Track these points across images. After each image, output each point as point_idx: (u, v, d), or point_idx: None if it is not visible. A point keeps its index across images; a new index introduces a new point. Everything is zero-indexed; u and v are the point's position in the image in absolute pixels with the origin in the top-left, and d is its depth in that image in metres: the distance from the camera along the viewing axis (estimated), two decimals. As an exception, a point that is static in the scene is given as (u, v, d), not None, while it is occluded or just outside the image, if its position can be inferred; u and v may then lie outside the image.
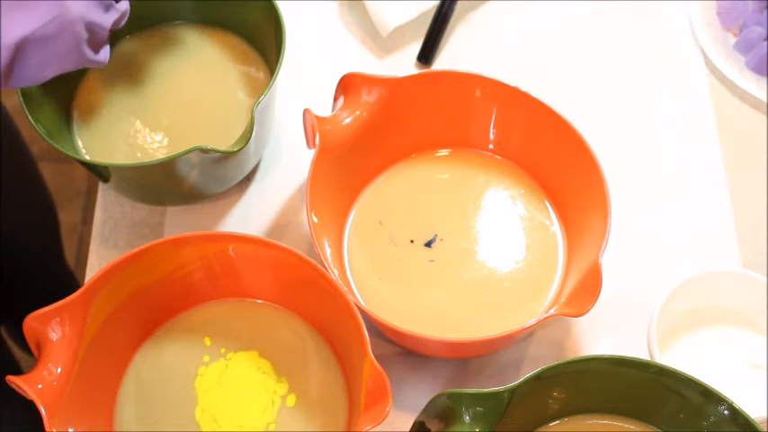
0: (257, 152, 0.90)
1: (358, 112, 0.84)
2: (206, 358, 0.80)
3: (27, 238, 1.16)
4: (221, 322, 0.82)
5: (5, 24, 0.65)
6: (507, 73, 0.87)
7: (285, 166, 0.93)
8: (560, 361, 0.68)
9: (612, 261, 0.82)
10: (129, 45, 0.93)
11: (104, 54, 0.75)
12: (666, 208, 0.92)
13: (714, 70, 1.00)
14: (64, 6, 0.67)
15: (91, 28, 0.71)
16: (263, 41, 0.91)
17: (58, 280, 1.31)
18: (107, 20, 0.73)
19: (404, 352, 0.84)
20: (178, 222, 0.90)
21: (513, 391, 0.66)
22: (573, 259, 0.83)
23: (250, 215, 0.91)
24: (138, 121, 0.89)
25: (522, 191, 0.89)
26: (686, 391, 0.69)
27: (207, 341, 0.81)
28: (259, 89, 0.91)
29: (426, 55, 1.00)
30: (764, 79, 0.98)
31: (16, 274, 1.14)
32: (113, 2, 0.74)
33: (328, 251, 0.80)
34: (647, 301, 0.81)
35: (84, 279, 0.84)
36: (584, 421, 0.75)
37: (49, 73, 0.71)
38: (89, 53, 0.72)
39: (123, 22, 0.76)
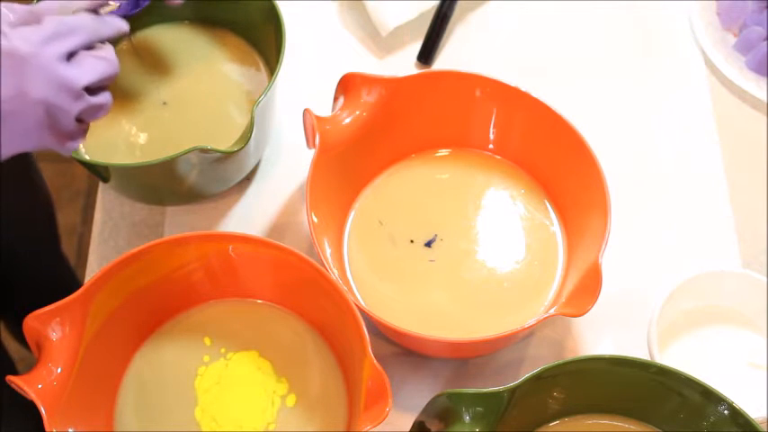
0: (257, 152, 0.90)
1: (358, 112, 0.84)
2: (206, 358, 0.80)
3: (26, 236, 1.16)
4: (221, 322, 0.82)
5: None
6: (507, 73, 0.87)
7: (285, 166, 0.93)
8: (560, 361, 0.68)
9: (612, 261, 0.82)
10: (128, 45, 0.93)
11: (71, 144, 0.69)
12: (666, 208, 0.92)
13: (714, 70, 1.00)
14: (25, 86, 0.62)
15: (53, 113, 0.65)
16: (263, 41, 0.91)
17: (57, 277, 1.31)
18: (73, 108, 0.66)
19: (404, 352, 0.84)
20: (178, 222, 0.90)
21: (513, 391, 0.66)
22: (573, 259, 0.83)
23: (250, 215, 0.91)
24: (137, 121, 0.89)
25: (522, 191, 0.89)
26: (686, 391, 0.69)
27: (207, 341, 0.81)
28: (259, 89, 0.91)
29: (426, 55, 1.00)
30: (764, 79, 0.98)
31: (16, 271, 1.14)
32: (84, 92, 0.67)
33: (328, 251, 0.80)
34: (647, 301, 0.81)
35: (84, 279, 0.84)
36: (584, 421, 0.75)
37: (8, 151, 0.65)
38: (49, 139, 0.67)
39: (101, 114, 0.71)
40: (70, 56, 0.65)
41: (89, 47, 0.67)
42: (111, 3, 0.78)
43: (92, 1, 0.68)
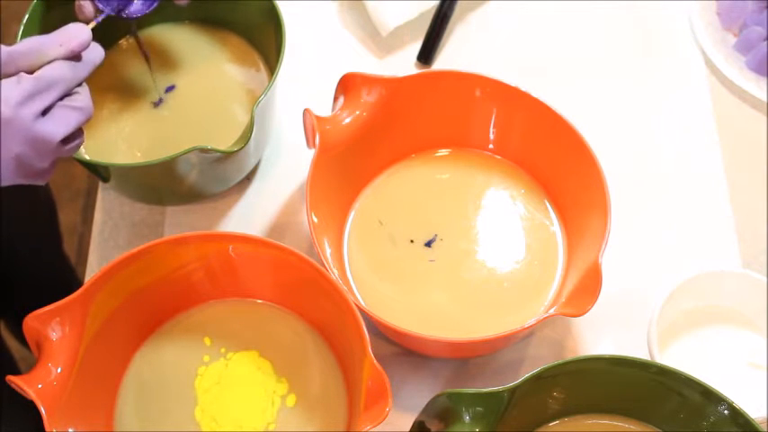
0: (257, 152, 0.90)
1: (358, 112, 0.84)
2: (206, 358, 0.80)
3: (27, 235, 1.16)
4: (221, 322, 0.82)
5: None
6: (507, 73, 0.87)
7: (285, 166, 0.93)
8: (560, 361, 0.68)
9: (612, 261, 0.82)
10: (128, 45, 0.93)
11: (48, 177, 0.68)
12: (666, 208, 0.92)
13: (714, 70, 1.00)
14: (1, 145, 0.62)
15: (27, 163, 0.64)
16: (263, 41, 0.91)
17: (58, 277, 1.31)
18: (51, 156, 0.66)
19: (404, 352, 0.84)
20: (178, 222, 0.90)
21: (513, 391, 0.66)
22: (573, 259, 0.83)
23: (250, 215, 0.91)
24: (137, 121, 0.89)
25: (522, 191, 0.89)
26: (686, 391, 0.69)
27: (207, 341, 0.81)
28: (259, 89, 0.91)
29: (426, 55, 1.00)
30: (764, 79, 0.98)
31: (17, 270, 1.14)
32: (60, 143, 0.66)
33: (328, 251, 0.80)
34: (647, 301, 0.81)
35: (84, 279, 0.84)
36: (584, 421, 0.75)
37: None
38: (20, 180, 0.66)
39: (75, 152, 0.69)
40: (46, 110, 0.64)
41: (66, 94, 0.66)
42: (99, 6, 0.78)
43: (69, 50, 0.66)
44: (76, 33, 0.66)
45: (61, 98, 0.65)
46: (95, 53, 0.68)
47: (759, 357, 0.81)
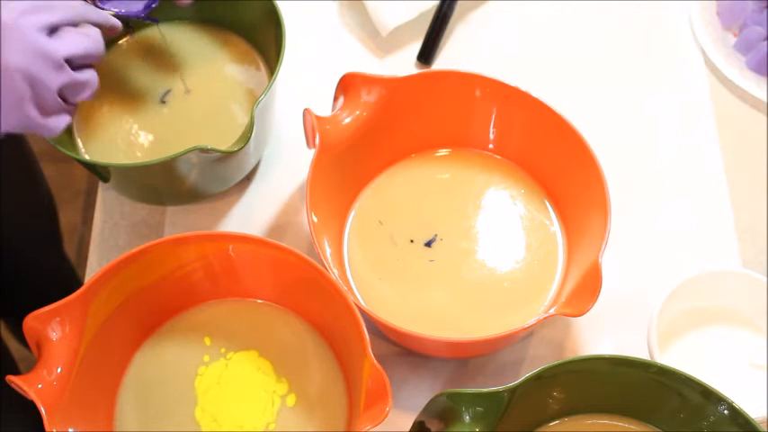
0: (257, 152, 0.90)
1: (358, 112, 0.84)
2: (206, 358, 0.80)
3: (28, 235, 1.16)
4: (221, 322, 0.82)
5: None
6: (507, 73, 0.87)
7: (285, 166, 0.93)
8: (560, 361, 0.68)
9: (612, 261, 0.82)
10: (128, 45, 0.93)
11: (56, 122, 0.68)
12: (666, 208, 0.92)
13: (714, 70, 1.00)
14: (3, 53, 0.61)
15: (33, 84, 0.64)
16: (263, 41, 0.91)
17: (59, 277, 1.31)
18: (54, 80, 0.65)
19: (404, 352, 0.84)
20: (178, 222, 0.90)
21: (513, 391, 0.66)
22: (573, 259, 0.83)
23: (250, 215, 0.91)
24: (137, 121, 0.89)
25: (522, 191, 0.89)
26: (686, 391, 0.69)
27: (207, 341, 0.81)
28: (259, 89, 0.91)
29: (426, 55, 1.00)
30: (764, 79, 0.98)
31: (17, 271, 1.14)
32: (66, 65, 0.66)
33: (328, 251, 0.80)
34: (647, 301, 0.81)
35: (84, 279, 0.84)
36: (584, 421, 0.75)
37: None
38: (32, 113, 0.65)
39: (86, 93, 0.70)
40: (52, 32, 0.65)
41: (74, 25, 0.68)
42: (106, 8, 0.79)
43: None
44: None
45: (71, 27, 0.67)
46: (110, 17, 0.73)
47: (759, 357, 0.81)
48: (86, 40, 0.68)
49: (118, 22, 0.74)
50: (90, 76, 0.70)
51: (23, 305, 0.77)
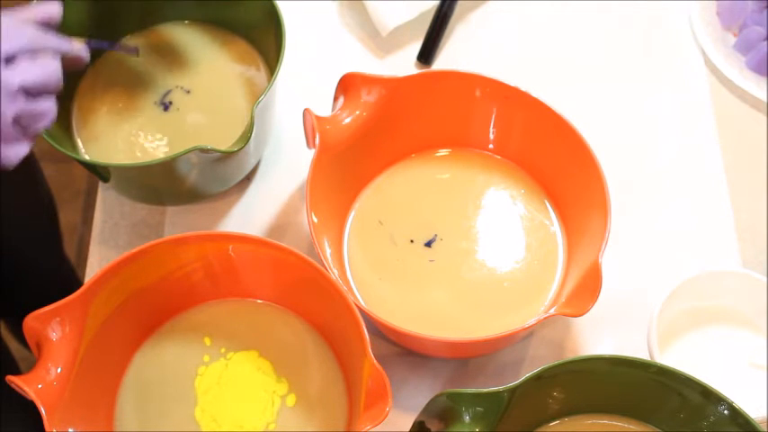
0: (257, 152, 0.90)
1: (358, 112, 0.84)
2: (206, 358, 0.80)
3: (28, 236, 1.16)
4: (221, 322, 0.82)
5: None
6: (507, 73, 0.87)
7: (285, 166, 0.93)
8: (560, 361, 0.68)
9: (612, 261, 0.82)
10: (129, 45, 0.93)
11: (12, 151, 0.66)
12: (666, 208, 0.92)
13: (714, 70, 1.00)
14: None
15: None
16: (263, 41, 0.91)
17: (59, 278, 1.31)
18: (7, 109, 0.64)
19: (404, 352, 0.84)
20: (178, 222, 0.90)
21: (513, 391, 0.66)
22: (573, 259, 0.83)
23: (250, 215, 0.91)
24: (137, 121, 0.89)
25: (522, 191, 0.89)
26: (686, 391, 0.69)
27: (207, 341, 0.81)
28: (259, 89, 0.91)
29: (426, 55, 1.00)
30: (764, 79, 0.98)
31: (17, 271, 1.14)
32: (21, 94, 0.65)
33: (328, 251, 0.80)
34: (647, 301, 0.81)
35: (84, 279, 0.84)
36: (584, 421, 0.75)
37: None
38: None
39: (44, 123, 0.68)
40: (8, 61, 0.64)
41: (33, 54, 0.66)
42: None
43: (40, 13, 0.68)
44: (45, 6, 0.69)
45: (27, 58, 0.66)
46: (71, 43, 0.71)
47: (759, 357, 0.81)
48: (43, 70, 0.66)
49: (83, 53, 0.72)
50: (47, 106, 0.68)
51: (23, 305, 0.77)
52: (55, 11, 0.70)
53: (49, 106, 0.68)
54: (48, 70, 0.67)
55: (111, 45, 0.87)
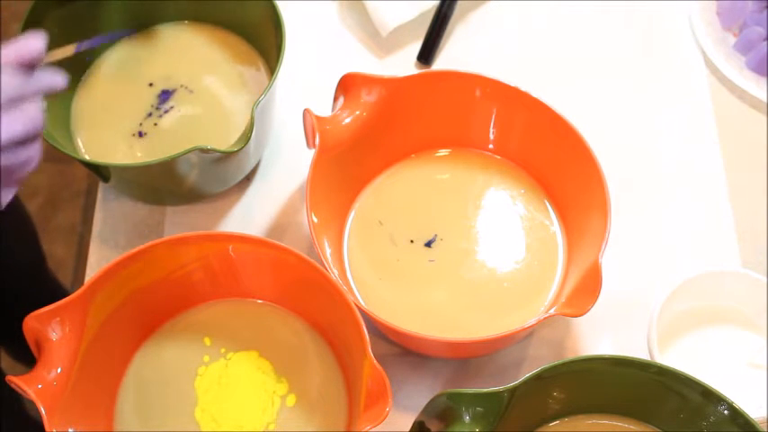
0: (257, 152, 0.90)
1: (358, 112, 0.84)
2: (206, 358, 0.80)
3: (7, 250, 1.14)
4: (221, 322, 0.82)
5: None
6: (507, 73, 0.87)
7: (285, 166, 0.93)
8: (560, 361, 0.68)
9: (612, 261, 0.82)
10: (128, 45, 0.93)
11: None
12: (666, 208, 0.92)
13: (714, 70, 1.00)
14: None
15: None
16: (263, 41, 0.91)
17: (43, 290, 1.29)
18: None
19: (404, 352, 0.84)
20: (178, 222, 0.90)
21: (513, 391, 0.66)
22: (573, 259, 0.83)
23: (250, 215, 0.91)
24: (137, 121, 0.89)
25: (522, 191, 0.89)
26: (686, 391, 0.69)
27: (207, 341, 0.81)
28: (259, 89, 0.91)
29: (426, 55, 1.00)
30: (764, 79, 0.98)
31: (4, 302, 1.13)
32: (5, 146, 0.62)
33: (328, 251, 0.80)
34: (647, 301, 0.81)
35: (84, 279, 0.84)
36: (584, 421, 0.75)
37: None
38: None
39: (28, 168, 0.65)
40: None
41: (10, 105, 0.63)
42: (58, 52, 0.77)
43: (17, 56, 0.63)
44: (27, 44, 0.63)
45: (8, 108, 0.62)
46: (52, 78, 0.65)
47: (759, 357, 0.81)
48: (26, 121, 0.63)
49: (60, 80, 0.67)
50: (31, 153, 0.65)
51: (9, 318, 0.75)
52: (37, 48, 0.64)
53: (34, 152, 0.65)
54: (31, 118, 0.63)
55: (102, 39, 0.85)
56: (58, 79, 0.66)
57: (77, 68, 0.91)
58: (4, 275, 1.12)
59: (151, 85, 0.91)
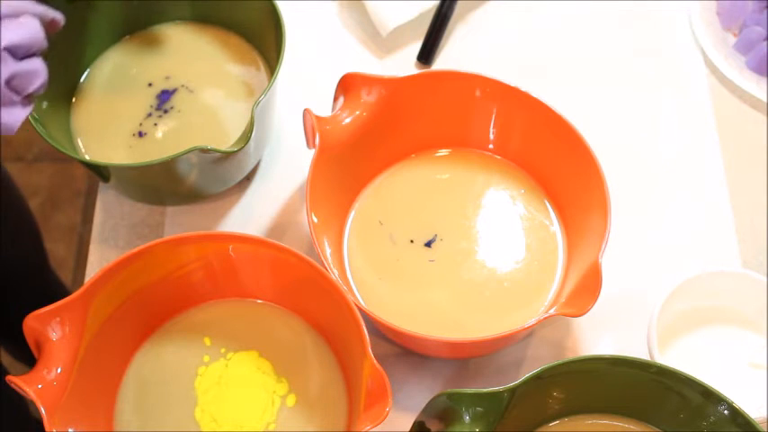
0: (257, 152, 0.90)
1: (358, 112, 0.84)
2: (206, 358, 0.80)
3: (9, 249, 1.15)
4: (221, 322, 0.82)
5: None
6: (507, 73, 0.87)
7: (285, 166, 0.93)
8: (560, 361, 0.68)
9: (612, 261, 0.82)
10: (128, 45, 0.93)
11: (11, 115, 0.67)
12: (666, 208, 0.92)
13: (714, 70, 1.00)
14: None
15: None
16: (263, 41, 0.91)
17: (45, 289, 1.29)
18: None
19: (404, 352, 0.84)
20: (178, 222, 0.90)
21: (513, 391, 0.66)
22: (573, 259, 0.83)
23: (250, 215, 0.91)
24: (137, 121, 0.89)
25: (522, 191, 0.89)
26: (686, 391, 0.69)
27: (207, 341, 0.81)
28: (259, 89, 0.91)
29: (426, 55, 1.00)
30: (764, 79, 0.98)
31: (2, 286, 1.13)
32: (7, 54, 0.66)
33: (328, 251, 0.80)
34: (647, 301, 0.81)
35: (84, 279, 0.84)
36: (584, 421, 0.75)
37: None
38: None
39: (37, 83, 0.69)
40: None
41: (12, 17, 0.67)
42: None
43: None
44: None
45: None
46: (51, 12, 0.71)
47: (759, 357, 0.81)
48: (26, 30, 0.67)
49: (58, 16, 0.73)
50: (36, 65, 0.69)
51: (10, 317, 0.76)
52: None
53: (38, 65, 0.69)
54: (30, 30, 0.68)
55: None
56: (57, 15, 0.71)
57: (77, 69, 0.91)
58: (6, 274, 1.13)
59: (151, 85, 0.91)
